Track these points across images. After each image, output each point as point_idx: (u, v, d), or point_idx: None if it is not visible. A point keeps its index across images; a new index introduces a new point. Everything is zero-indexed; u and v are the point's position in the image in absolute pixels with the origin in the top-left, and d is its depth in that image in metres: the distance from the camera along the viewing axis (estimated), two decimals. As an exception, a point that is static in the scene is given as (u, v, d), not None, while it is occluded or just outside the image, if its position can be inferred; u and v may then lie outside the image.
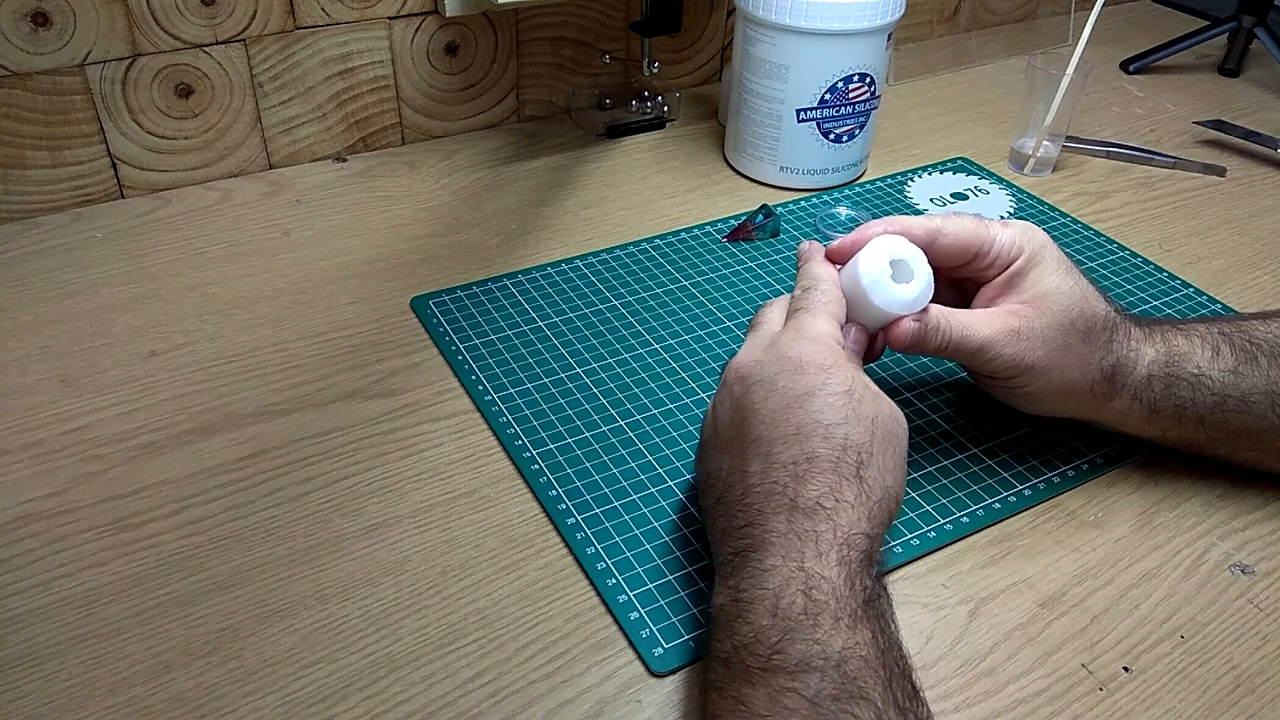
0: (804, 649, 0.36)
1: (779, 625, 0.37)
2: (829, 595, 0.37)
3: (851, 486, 0.40)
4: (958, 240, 0.50)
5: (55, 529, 0.50)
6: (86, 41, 0.69)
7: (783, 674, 0.36)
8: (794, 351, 0.44)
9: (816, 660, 0.36)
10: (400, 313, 0.65)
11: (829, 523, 0.39)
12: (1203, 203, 0.82)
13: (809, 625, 0.37)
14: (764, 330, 0.48)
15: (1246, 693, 0.44)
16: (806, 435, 0.41)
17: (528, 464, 0.54)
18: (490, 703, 0.43)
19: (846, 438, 0.41)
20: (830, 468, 0.40)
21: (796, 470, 0.40)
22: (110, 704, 0.42)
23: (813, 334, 0.45)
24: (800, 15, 0.72)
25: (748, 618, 0.38)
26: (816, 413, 0.41)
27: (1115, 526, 0.52)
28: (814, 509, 0.40)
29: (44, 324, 0.63)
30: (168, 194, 0.77)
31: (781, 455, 0.41)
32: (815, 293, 0.48)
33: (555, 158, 0.85)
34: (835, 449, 0.41)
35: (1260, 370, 0.50)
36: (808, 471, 0.40)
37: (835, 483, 0.40)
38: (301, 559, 0.49)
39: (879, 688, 0.36)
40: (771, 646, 0.37)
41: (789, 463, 0.41)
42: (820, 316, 0.46)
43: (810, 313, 0.46)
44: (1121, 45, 1.09)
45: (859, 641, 0.37)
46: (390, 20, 0.79)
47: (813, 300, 0.47)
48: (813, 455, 0.41)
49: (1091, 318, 0.49)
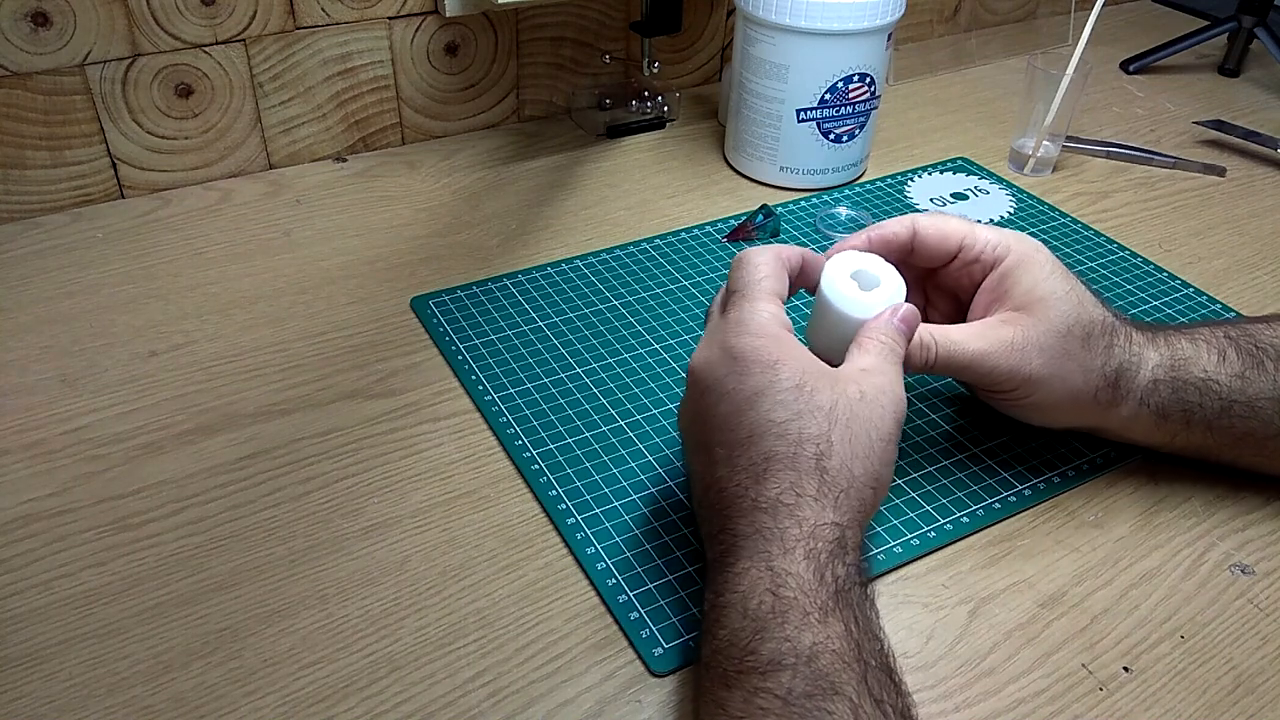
0: (774, 647, 0.36)
1: (750, 626, 0.37)
2: (796, 591, 0.37)
3: (812, 479, 0.40)
4: (938, 232, 0.50)
5: (55, 529, 0.50)
6: (86, 41, 0.69)
7: (755, 674, 0.36)
8: (738, 348, 0.42)
9: (788, 658, 0.36)
10: (400, 313, 0.65)
11: (792, 518, 0.39)
12: (1203, 203, 0.82)
13: (778, 623, 0.37)
14: (714, 321, 0.46)
15: (1246, 693, 0.44)
16: (760, 436, 0.41)
17: (528, 464, 0.54)
18: (490, 703, 0.43)
19: (801, 432, 0.41)
20: (788, 464, 0.40)
21: (755, 471, 0.40)
22: (110, 704, 0.42)
23: (754, 326, 0.43)
24: (800, 15, 0.72)
25: (723, 621, 0.38)
26: (767, 412, 0.41)
27: (1115, 526, 0.52)
28: (775, 506, 0.39)
29: (44, 324, 0.63)
30: (168, 194, 0.77)
31: (740, 459, 0.41)
32: (748, 268, 0.46)
33: (555, 158, 0.85)
34: (790, 445, 0.40)
35: (1267, 375, 0.50)
36: (766, 471, 0.40)
37: (794, 479, 0.40)
38: (301, 559, 0.49)
39: (853, 681, 0.35)
40: (744, 648, 0.37)
41: (748, 465, 0.41)
42: (759, 299, 0.44)
43: (748, 297, 0.45)
44: (1121, 45, 1.09)
45: (830, 635, 0.36)
46: (390, 20, 0.79)
47: (746, 279, 0.45)
48: (769, 454, 0.40)
49: (1089, 322, 0.49)
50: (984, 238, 0.50)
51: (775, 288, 0.45)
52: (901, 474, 0.54)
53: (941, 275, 0.52)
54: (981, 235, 0.50)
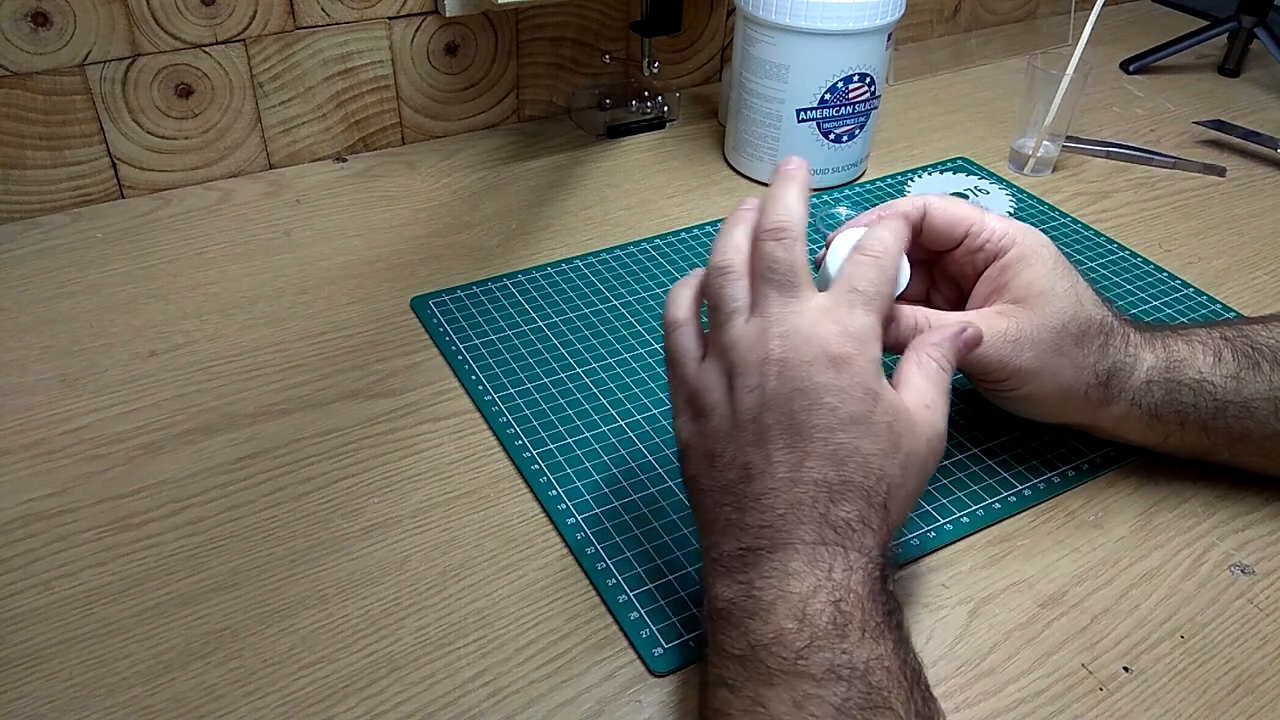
0: (831, 658, 0.36)
1: (805, 632, 0.37)
2: (855, 608, 0.38)
3: (878, 515, 0.40)
4: (947, 215, 0.50)
5: (55, 529, 0.50)
6: (86, 41, 0.69)
7: (808, 680, 0.36)
8: (848, 363, 0.41)
9: (844, 670, 0.36)
10: (400, 313, 0.65)
11: (856, 542, 0.39)
12: (1203, 203, 0.82)
13: (837, 635, 0.37)
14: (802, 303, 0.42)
15: (1246, 693, 0.44)
16: (844, 460, 0.40)
17: (528, 464, 0.54)
18: (490, 703, 0.43)
19: (882, 470, 0.41)
20: (863, 496, 0.40)
21: (830, 488, 0.40)
22: (110, 704, 0.42)
23: (868, 346, 0.41)
24: (800, 15, 0.72)
25: (767, 618, 0.38)
26: (857, 440, 0.40)
27: (1115, 526, 0.52)
28: (843, 527, 0.40)
29: (44, 324, 0.63)
30: (168, 194, 0.77)
31: (812, 472, 0.40)
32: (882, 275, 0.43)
33: (555, 158, 0.85)
34: (871, 479, 0.40)
35: (1263, 375, 0.50)
36: (842, 494, 0.40)
37: (865, 510, 0.40)
38: (301, 559, 0.49)
39: (901, 697, 0.36)
40: (797, 651, 0.37)
41: (821, 480, 0.40)
42: (870, 308, 0.42)
43: (870, 310, 0.42)
44: (1121, 45, 1.09)
45: (883, 653, 0.37)
46: (390, 20, 0.79)
47: (880, 290, 0.43)
48: (848, 481, 0.40)
49: (1085, 321, 0.49)
50: (991, 226, 0.50)
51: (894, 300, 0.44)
52: (901, 474, 0.54)
53: (946, 261, 0.52)
54: (989, 224, 0.50)
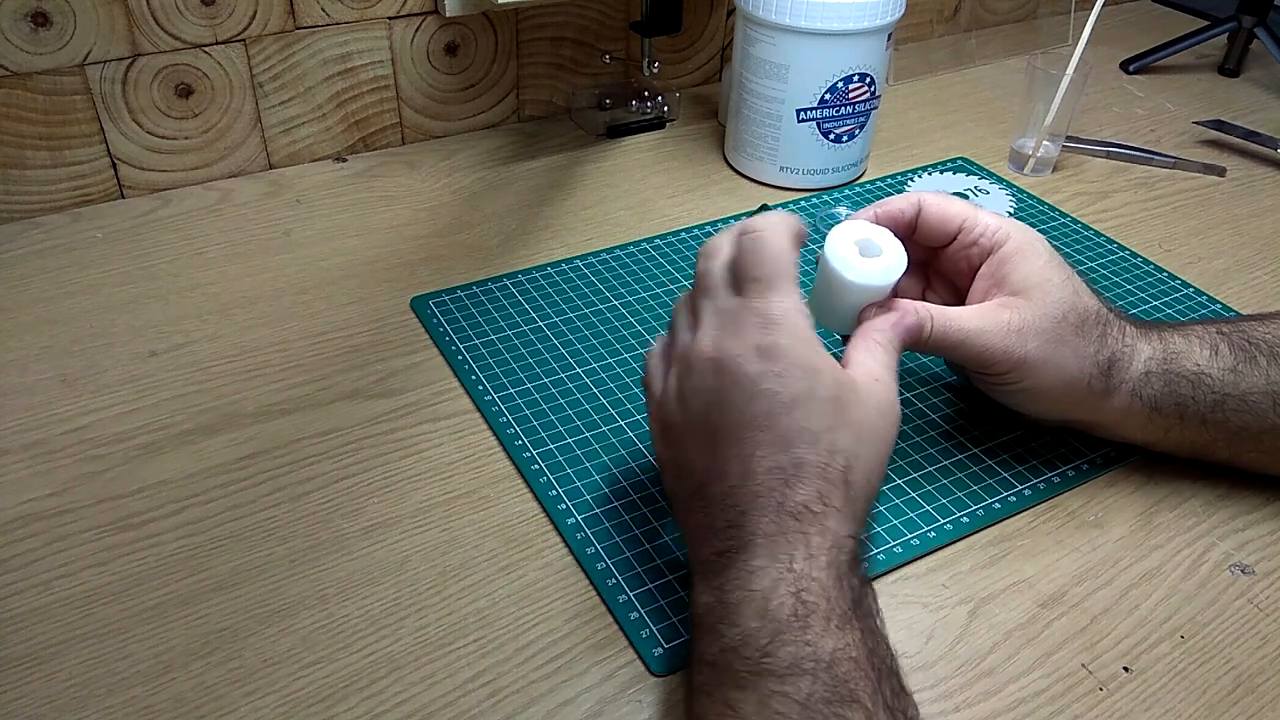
0: (794, 651, 0.36)
1: (768, 627, 0.37)
2: (819, 597, 0.37)
3: (839, 491, 0.40)
4: (941, 211, 0.51)
5: (55, 529, 0.50)
6: (86, 41, 0.69)
7: (772, 677, 0.36)
8: (777, 349, 0.41)
9: (807, 663, 0.36)
10: (400, 313, 0.65)
11: (818, 525, 0.39)
12: (1203, 203, 0.82)
13: (799, 627, 0.36)
14: (721, 299, 0.43)
15: (1246, 693, 0.44)
16: (792, 442, 0.40)
17: (528, 464, 0.54)
18: (490, 703, 0.43)
19: (834, 444, 0.40)
20: (818, 474, 0.40)
21: (784, 475, 0.40)
22: (110, 704, 0.42)
23: (790, 325, 0.41)
24: (800, 15, 0.72)
25: (734, 620, 0.38)
26: (804, 419, 0.40)
27: (1115, 526, 0.52)
28: (802, 512, 0.39)
29: (44, 324, 0.63)
30: (168, 194, 0.77)
31: (765, 461, 0.40)
32: (769, 249, 0.43)
33: (555, 158, 0.85)
34: (823, 455, 0.40)
35: (1260, 369, 0.50)
36: (796, 476, 0.40)
37: (824, 488, 0.40)
38: (301, 559, 0.49)
39: (869, 689, 0.36)
40: (760, 649, 0.36)
41: (774, 467, 0.40)
42: (787, 292, 0.42)
43: (774, 287, 0.42)
44: (1121, 45, 1.09)
45: (849, 643, 0.36)
46: (390, 20, 0.79)
47: (769, 263, 0.42)
48: (801, 461, 0.40)
49: (1084, 310, 0.49)
50: (984, 222, 0.51)
51: (796, 274, 0.43)
52: (901, 474, 0.54)
53: (941, 258, 0.53)
54: (982, 219, 0.51)
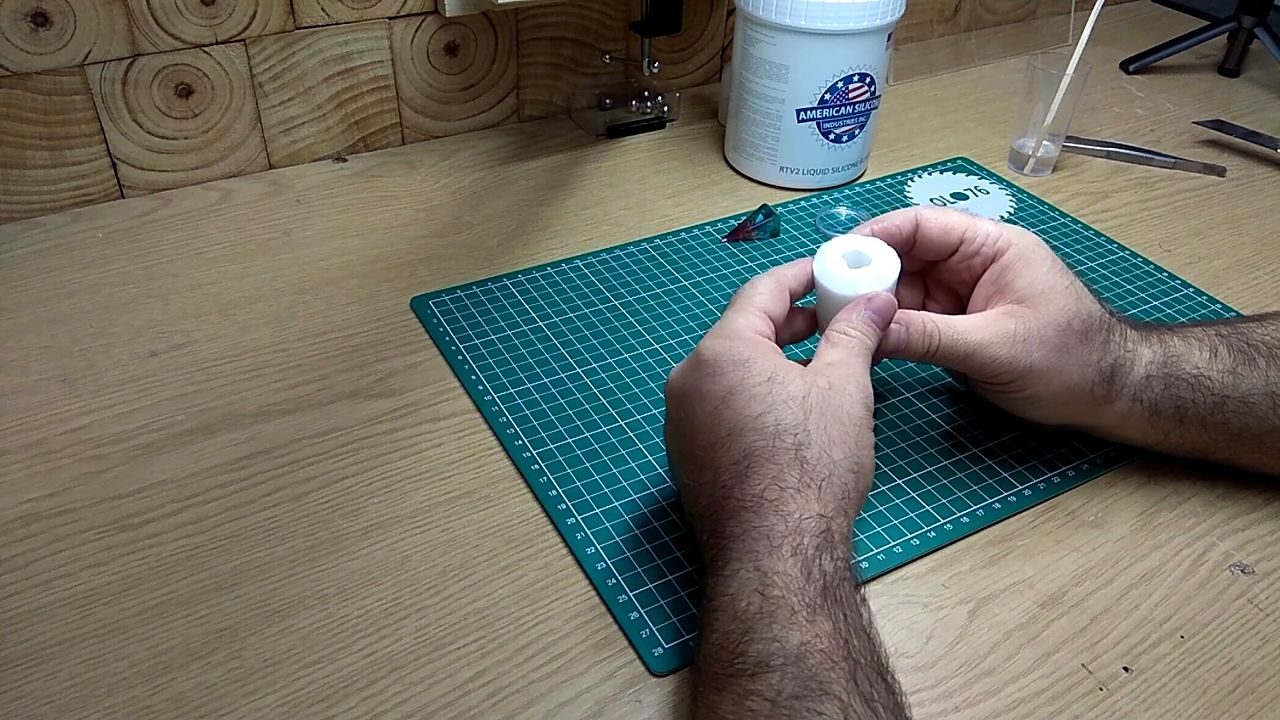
0: (762, 648, 0.36)
1: (739, 628, 0.37)
2: (783, 590, 0.37)
3: (793, 470, 0.40)
4: (940, 225, 0.51)
5: (55, 529, 0.50)
6: (86, 41, 0.69)
7: (745, 677, 0.36)
8: (711, 353, 0.44)
9: (775, 659, 0.36)
10: (400, 313, 0.65)
11: (776, 514, 0.39)
12: (1203, 203, 0.82)
13: (765, 624, 0.36)
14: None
15: (1246, 693, 0.44)
16: (738, 432, 0.41)
17: (528, 464, 0.54)
18: (490, 703, 0.43)
19: (777, 423, 0.41)
20: (768, 457, 0.40)
21: (737, 470, 0.41)
22: (110, 704, 0.42)
23: (728, 331, 0.45)
24: (800, 15, 0.72)
25: (714, 625, 0.38)
26: (742, 408, 0.41)
27: (1115, 526, 0.52)
28: (759, 503, 0.40)
29: (44, 324, 0.63)
30: (168, 194, 0.77)
31: (721, 459, 0.41)
32: (743, 291, 0.48)
33: (555, 158, 0.85)
34: (768, 437, 0.41)
35: (1259, 371, 0.50)
36: (748, 468, 0.40)
37: (776, 471, 0.40)
38: (301, 559, 0.49)
39: (842, 680, 0.35)
40: (733, 650, 0.37)
41: (729, 464, 0.41)
42: (742, 311, 0.46)
43: (734, 308, 0.47)
44: (1121, 45, 1.09)
45: (819, 634, 0.36)
46: (390, 20, 0.79)
47: (739, 297, 0.47)
48: (749, 450, 0.41)
49: (1088, 317, 0.49)
50: (985, 231, 0.50)
51: (764, 303, 0.47)
52: (901, 474, 0.54)
53: (942, 269, 0.53)
54: (982, 229, 0.51)
